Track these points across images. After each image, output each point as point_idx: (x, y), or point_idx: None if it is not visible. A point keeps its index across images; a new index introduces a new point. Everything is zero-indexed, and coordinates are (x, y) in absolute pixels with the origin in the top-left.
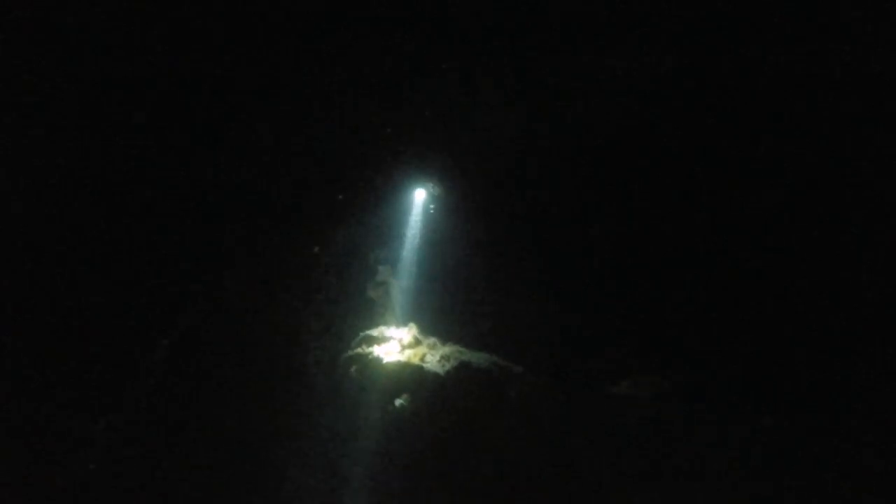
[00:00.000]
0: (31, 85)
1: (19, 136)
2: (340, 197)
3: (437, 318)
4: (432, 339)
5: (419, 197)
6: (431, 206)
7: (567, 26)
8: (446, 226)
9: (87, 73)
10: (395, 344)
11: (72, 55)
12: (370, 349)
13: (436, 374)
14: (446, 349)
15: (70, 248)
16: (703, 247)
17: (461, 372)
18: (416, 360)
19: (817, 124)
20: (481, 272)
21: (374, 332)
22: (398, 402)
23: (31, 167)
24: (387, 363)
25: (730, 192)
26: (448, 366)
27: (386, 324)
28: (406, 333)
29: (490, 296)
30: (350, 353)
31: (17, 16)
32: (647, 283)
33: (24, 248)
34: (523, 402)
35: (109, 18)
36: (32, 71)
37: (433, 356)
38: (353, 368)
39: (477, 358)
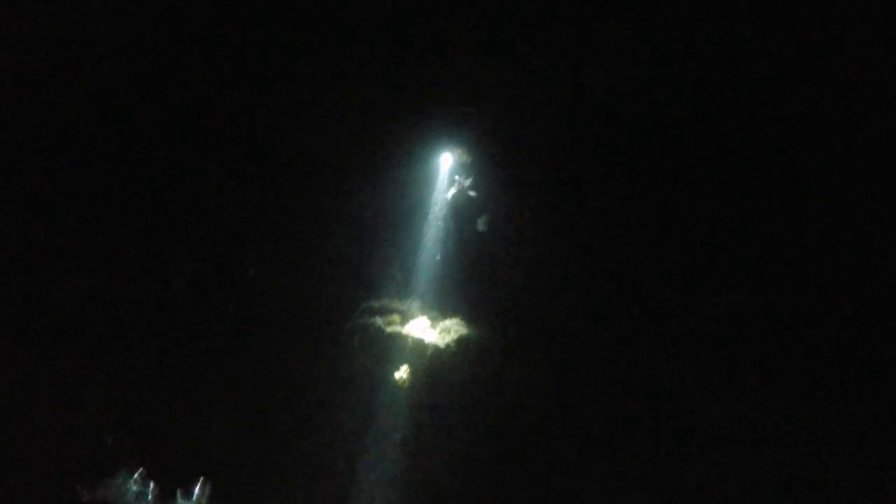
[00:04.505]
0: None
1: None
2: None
3: (440, 291)
4: (434, 312)
5: (445, 163)
6: (457, 177)
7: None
8: (469, 197)
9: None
10: (398, 316)
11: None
12: (372, 320)
13: (435, 347)
14: (447, 322)
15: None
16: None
17: (460, 345)
18: (416, 333)
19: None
20: (494, 248)
21: (377, 304)
22: (398, 375)
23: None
24: (388, 334)
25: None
26: (448, 338)
27: (389, 296)
28: (409, 306)
29: (498, 272)
30: (352, 323)
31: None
32: (659, 266)
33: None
34: (521, 378)
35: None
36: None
37: (434, 329)
38: (355, 339)
39: (477, 332)
